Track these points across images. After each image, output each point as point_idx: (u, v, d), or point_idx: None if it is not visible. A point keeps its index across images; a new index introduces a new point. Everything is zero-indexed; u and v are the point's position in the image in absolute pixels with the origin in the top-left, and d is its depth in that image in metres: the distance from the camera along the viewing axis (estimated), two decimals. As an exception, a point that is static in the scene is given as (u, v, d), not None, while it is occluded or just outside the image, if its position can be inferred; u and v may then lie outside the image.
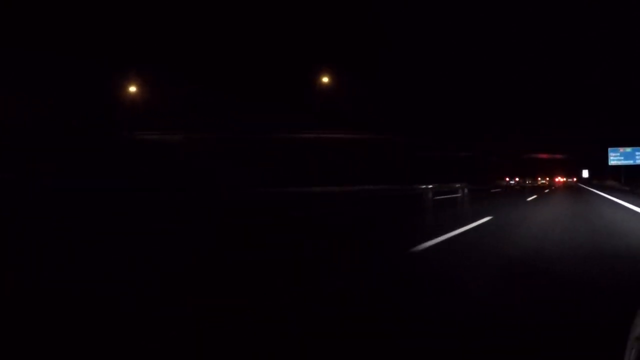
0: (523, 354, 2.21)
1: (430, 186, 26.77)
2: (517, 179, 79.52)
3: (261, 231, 7.69)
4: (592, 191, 27.77)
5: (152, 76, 24.43)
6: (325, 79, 26.23)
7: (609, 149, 41.46)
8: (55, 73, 20.05)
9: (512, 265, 4.48)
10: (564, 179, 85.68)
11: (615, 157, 41.02)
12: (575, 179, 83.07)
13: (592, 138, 52.52)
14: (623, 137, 41.90)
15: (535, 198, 19.33)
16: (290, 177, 24.23)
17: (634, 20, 36.78)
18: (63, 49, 20.18)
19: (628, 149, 40.31)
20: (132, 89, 25.17)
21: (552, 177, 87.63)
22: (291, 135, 27.29)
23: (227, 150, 25.16)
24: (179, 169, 22.22)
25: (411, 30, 44.58)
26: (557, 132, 62.81)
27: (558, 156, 65.41)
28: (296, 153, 27.49)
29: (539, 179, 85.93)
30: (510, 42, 54.75)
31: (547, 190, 32.59)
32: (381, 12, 38.26)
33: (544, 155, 66.31)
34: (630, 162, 40.00)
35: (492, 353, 2.23)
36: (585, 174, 73.03)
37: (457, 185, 30.65)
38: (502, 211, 11.48)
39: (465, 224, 7.84)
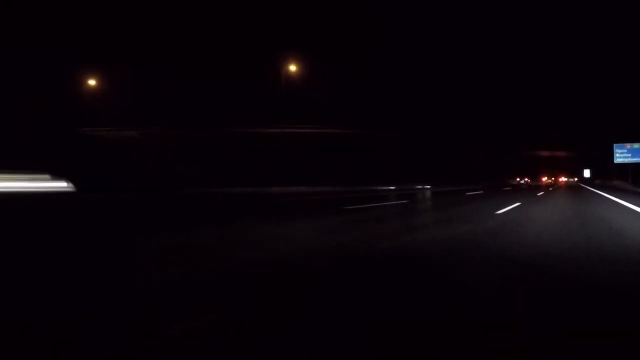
0: None
1: (392, 188, 25.74)
2: (526, 179, 79.24)
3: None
4: (599, 194, 21.37)
5: (109, 70, 23.45)
6: (293, 68, 24.88)
7: (615, 145, 37.83)
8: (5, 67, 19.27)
9: None
10: (566, 179, 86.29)
11: (622, 154, 37.21)
12: (576, 179, 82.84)
13: (594, 136, 50.93)
14: (625, 135, 38.77)
15: (515, 207, 12.29)
16: (255, 175, 23.42)
17: (634, 20, 35.20)
18: (11, 42, 19.17)
19: (636, 145, 36.72)
20: (91, 83, 24.28)
21: (553, 176, 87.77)
22: (258, 130, 25.95)
23: (190, 146, 24.14)
24: (133, 167, 21.26)
25: (411, 30, 43.25)
26: (557, 131, 61.62)
27: (559, 154, 63.82)
28: (264, 149, 26.28)
29: (545, 178, 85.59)
30: (510, 42, 53.71)
31: (541, 193, 24.81)
32: (381, 12, 37.29)
33: (545, 153, 64.71)
34: (639, 159, 36.21)
35: None
36: (586, 173, 71.93)
37: (418, 187, 29.18)
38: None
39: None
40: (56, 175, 17.50)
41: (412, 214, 11.45)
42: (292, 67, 25.08)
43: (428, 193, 24.31)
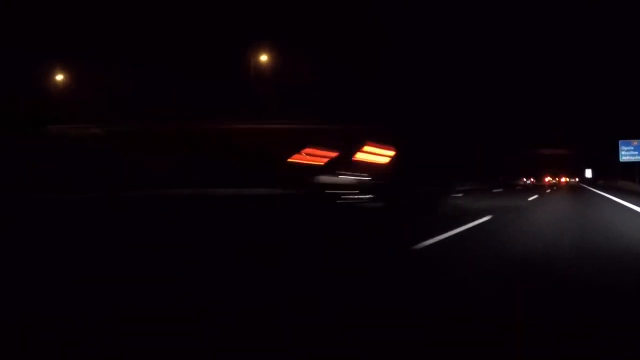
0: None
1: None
2: (532, 179, 78.93)
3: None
4: (609, 199, 16.44)
5: (70, 61, 22.09)
6: (266, 59, 23.33)
7: (620, 141, 33.99)
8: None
9: None
10: (567, 179, 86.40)
11: (628, 152, 33.44)
12: (577, 179, 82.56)
13: (595, 136, 50.87)
14: (627, 135, 36.02)
15: (471, 229, 7.38)
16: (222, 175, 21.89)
17: (634, 20, 35.02)
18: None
19: (644, 141, 32.53)
20: (59, 77, 22.98)
21: (555, 177, 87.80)
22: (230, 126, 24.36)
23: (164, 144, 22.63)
24: (96, 167, 20.11)
25: (411, 30, 43.23)
26: (558, 132, 61.72)
27: (560, 154, 63.74)
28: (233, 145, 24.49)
29: (548, 178, 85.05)
30: (510, 42, 53.77)
31: (534, 197, 19.14)
32: (381, 12, 37.30)
33: (546, 153, 64.66)
34: (648, 157, 31.96)
35: None
36: (588, 173, 71.21)
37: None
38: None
39: None
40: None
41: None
42: (265, 58, 23.73)
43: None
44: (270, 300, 3.19)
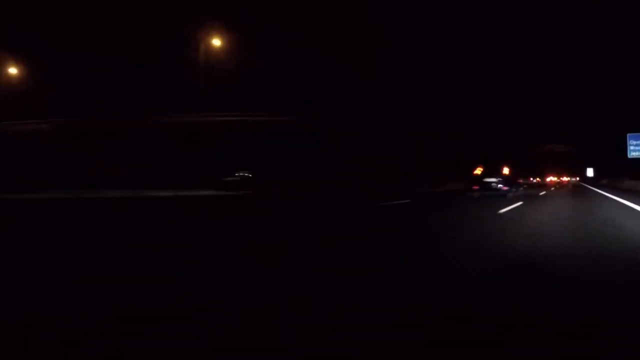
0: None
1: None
2: (538, 179, 78.29)
3: None
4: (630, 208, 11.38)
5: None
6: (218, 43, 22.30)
7: (629, 135, 29.45)
8: None
9: None
10: (568, 178, 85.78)
11: (638, 147, 29.22)
12: (577, 179, 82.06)
13: (596, 134, 50.79)
14: (631, 132, 35.26)
15: None
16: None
17: (634, 20, 34.77)
18: None
19: (657, 135, 28.42)
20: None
21: (556, 176, 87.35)
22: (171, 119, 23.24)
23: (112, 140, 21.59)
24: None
25: (411, 30, 43.18)
26: (558, 131, 61.54)
27: (560, 152, 63.48)
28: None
29: (551, 178, 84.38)
30: (510, 42, 53.74)
31: (511, 207, 11.86)
32: (381, 12, 37.25)
33: (547, 152, 64.45)
34: (660, 153, 28.21)
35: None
36: (589, 172, 70.41)
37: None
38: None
39: None
40: None
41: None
42: (217, 42, 22.94)
43: None
44: (270, 300, 3.18)
